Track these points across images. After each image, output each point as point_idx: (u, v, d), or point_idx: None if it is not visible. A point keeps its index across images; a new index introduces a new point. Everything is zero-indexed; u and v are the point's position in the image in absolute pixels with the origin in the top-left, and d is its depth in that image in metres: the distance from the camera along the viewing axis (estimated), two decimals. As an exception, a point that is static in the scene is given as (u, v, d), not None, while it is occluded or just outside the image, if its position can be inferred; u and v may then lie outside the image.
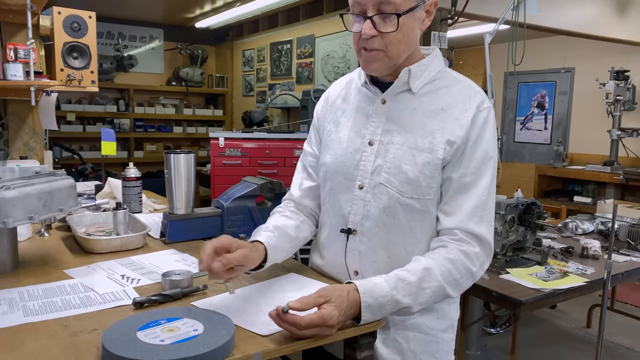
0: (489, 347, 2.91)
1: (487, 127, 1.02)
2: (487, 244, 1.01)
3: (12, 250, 1.18)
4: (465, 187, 1.01)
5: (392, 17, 0.95)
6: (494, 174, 1.03)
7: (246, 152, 3.51)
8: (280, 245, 1.08)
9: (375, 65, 1.02)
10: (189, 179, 1.42)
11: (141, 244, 1.39)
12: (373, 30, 0.97)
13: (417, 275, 0.95)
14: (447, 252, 0.98)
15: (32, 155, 2.33)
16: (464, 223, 1.00)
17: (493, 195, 1.03)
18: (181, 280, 1.03)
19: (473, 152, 1.01)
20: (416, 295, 0.94)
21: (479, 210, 1.00)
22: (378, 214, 1.04)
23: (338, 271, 1.12)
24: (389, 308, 0.92)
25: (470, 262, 0.99)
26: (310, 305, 0.85)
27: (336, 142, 1.12)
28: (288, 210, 1.20)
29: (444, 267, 0.97)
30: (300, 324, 0.82)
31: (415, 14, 0.98)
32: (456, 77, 1.08)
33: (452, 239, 1.00)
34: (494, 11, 3.19)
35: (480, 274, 1.01)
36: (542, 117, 5.69)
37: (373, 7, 0.96)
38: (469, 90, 1.05)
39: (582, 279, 2.01)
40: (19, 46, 1.89)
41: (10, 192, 1.06)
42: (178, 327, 0.82)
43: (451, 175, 1.02)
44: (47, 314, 0.93)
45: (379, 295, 0.91)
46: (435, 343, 1.08)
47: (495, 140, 1.05)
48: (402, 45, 0.99)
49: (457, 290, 0.99)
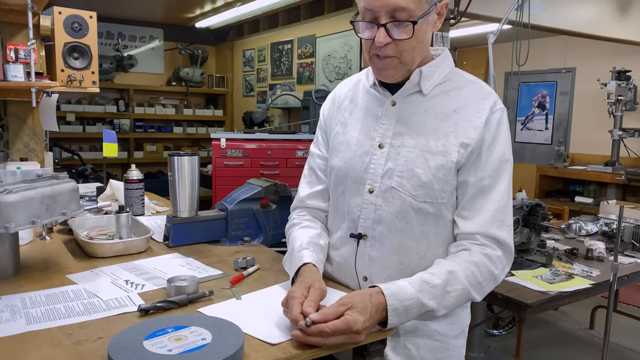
0: (492, 349, 2.89)
1: (501, 128, 1.01)
2: (508, 248, 1.00)
3: (13, 255, 1.16)
4: (484, 191, 0.99)
5: (406, 24, 0.93)
6: (510, 177, 1.02)
7: (248, 153, 3.49)
8: (321, 259, 1.08)
9: (390, 73, 1.00)
10: (193, 182, 1.40)
11: (144, 248, 1.37)
12: (387, 38, 0.94)
13: (441, 278, 0.93)
14: (470, 255, 0.97)
15: (33, 157, 2.30)
16: (485, 228, 0.98)
17: (511, 198, 1.02)
18: (187, 286, 1.01)
19: (489, 155, 0.99)
20: (441, 299, 0.93)
21: (499, 215, 0.99)
22: (390, 218, 1.02)
23: (346, 276, 1.10)
24: (414, 311, 0.91)
25: (493, 266, 0.98)
26: (332, 316, 0.83)
27: (344, 144, 1.10)
28: (305, 220, 1.18)
29: (467, 270, 0.95)
30: (325, 331, 0.81)
31: (429, 18, 0.97)
32: (467, 78, 1.06)
33: (473, 243, 0.99)
34: (496, 11, 3.17)
35: (502, 277, 1.00)
36: (543, 117, 5.68)
37: (386, 14, 0.93)
38: (482, 91, 1.03)
39: (588, 281, 1.99)
40: (19, 46, 1.86)
41: (12, 196, 1.04)
42: (185, 335, 0.80)
43: (467, 179, 1.00)
44: (50, 321, 0.91)
45: (404, 298, 0.90)
46: (447, 350, 1.06)
47: (509, 141, 1.03)
48: (416, 51, 0.98)
49: (480, 293, 0.98)
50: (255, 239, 1.50)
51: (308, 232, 1.13)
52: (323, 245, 1.12)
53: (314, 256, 1.05)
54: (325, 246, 1.13)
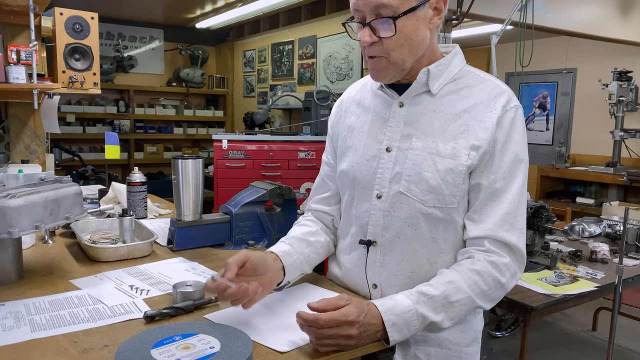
0: (495, 350, 2.88)
1: (516, 127, 0.96)
2: (518, 253, 0.96)
3: (17, 260, 1.14)
4: (496, 194, 0.95)
5: (389, 21, 0.91)
6: (525, 178, 0.98)
7: (249, 155, 3.47)
8: (295, 250, 1.06)
9: (381, 74, 0.98)
10: (197, 185, 1.39)
11: (148, 252, 1.36)
12: (372, 37, 0.93)
13: (440, 289, 0.91)
14: (472, 264, 0.94)
15: (34, 159, 2.29)
16: (493, 231, 0.94)
17: (524, 201, 0.98)
18: (193, 292, 1.00)
19: (502, 156, 0.95)
20: (444, 309, 0.90)
21: (510, 218, 0.95)
22: (399, 225, 0.99)
23: (356, 283, 1.09)
24: (416, 324, 0.89)
25: (499, 273, 0.94)
26: (329, 307, 0.83)
27: (352, 149, 1.08)
28: (304, 220, 1.19)
29: (470, 279, 0.92)
30: (321, 319, 0.81)
31: (417, 14, 0.92)
32: (480, 76, 1.01)
33: (479, 249, 0.95)
34: (499, 12, 3.15)
35: (513, 284, 0.96)
36: (544, 118, 5.67)
37: (371, 13, 0.92)
38: (495, 89, 0.99)
39: (593, 283, 1.98)
40: (21, 48, 1.85)
41: (16, 201, 1.02)
42: (194, 344, 0.79)
43: (480, 182, 0.96)
44: (55, 328, 0.90)
45: (401, 311, 0.88)
46: (459, 358, 1.03)
47: (525, 141, 0.98)
48: (404, 49, 0.94)
49: (487, 302, 0.95)
50: (260, 243, 1.49)
51: (300, 229, 1.14)
52: (312, 241, 1.12)
53: (283, 247, 1.06)
54: (316, 242, 1.12)
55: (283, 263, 1.02)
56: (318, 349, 0.83)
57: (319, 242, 1.13)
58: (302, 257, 1.07)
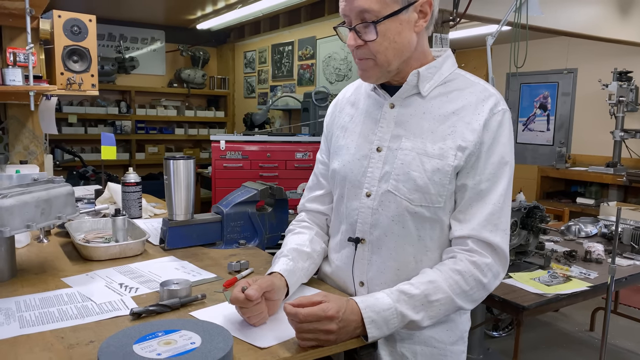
0: (491, 350, 2.89)
1: (502, 130, 0.98)
2: (501, 254, 0.97)
3: (9, 259, 1.17)
4: (481, 195, 0.97)
5: (371, 25, 0.94)
6: (510, 180, 0.99)
7: (247, 155, 3.50)
8: (297, 267, 1.08)
9: (368, 74, 1.01)
10: (188, 185, 1.41)
11: (140, 251, 1.38)
12: (357, 41, 0.96)
13: (420, 289, 0.93)
14: (454, 264, 0.96)
15: (33, 160, 2.32)
16: (477, 231, 0.96)
17: (509, 203, 0.99)
18: (179, 290, 1.02)
19: (488, 158, 0.97)
20: (424, 308, 0.92)
21: (494, 218, 0.96)
22: (387, 223, 1.01)
23: (345, 280, 1.10)
24: (395, 322, 0.90)
25: (480, 273, 0.95)
26: (307, 303, 0.85)
27: (344, 148, 1.10)
28: (299, 227, 1.19)
29: (451, 278, 0.94)
30: (300, 313, 0.83)
31: (400, 18, 0.94)
32: (469, 79, 1.03)
33: (462, 249, 0.97)
34: (496, 12, 3.17)
35: (495, 284, 0.98)
36: (545, 118, 5.67)
37: (356, 17, 0.95)
38: (483, 92, 1.00)
39: (586, 283, 1.99)
40: (18, 50, 1.88)
41: (7, 201, 1.05)
42: (175, 339, 0.81)
43: (466, 182, 0.98)
44: (43, 325, 0.92)
45: (381, 309, 0.89)
46: (444, 357, 1.04)
47: (511, 144, 1.00)
48: (389, 51, 0.96)
49: (468, 302, 0.96)
50: (251, 242, 1.50)
51: (298, 238, 1.14)
52: (310, 252, 1.12)
53: (286, 264, 1.05)
54: (313, 252, 1.13)
55: (287, 282, 1.04)
56: (299, 343, 0.85)
57: (316, 251, 1.15)
58: (303, 271, 1.10)
